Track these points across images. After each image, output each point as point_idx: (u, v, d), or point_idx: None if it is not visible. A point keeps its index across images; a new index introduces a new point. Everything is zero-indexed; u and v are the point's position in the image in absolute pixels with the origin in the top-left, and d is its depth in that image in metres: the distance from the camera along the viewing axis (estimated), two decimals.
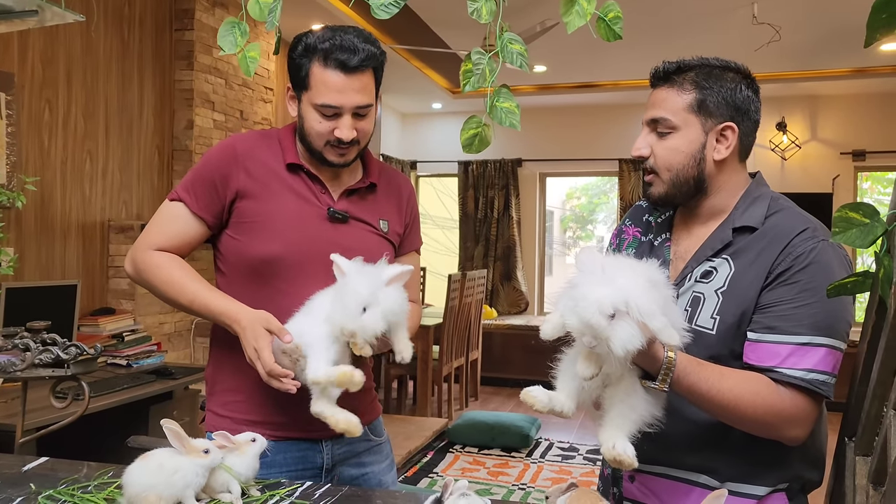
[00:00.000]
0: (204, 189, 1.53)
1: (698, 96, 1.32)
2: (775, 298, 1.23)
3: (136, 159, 4.08)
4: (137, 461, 1.26)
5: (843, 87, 6.85)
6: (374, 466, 1.67)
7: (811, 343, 1.19)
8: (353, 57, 1.45)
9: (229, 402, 1.57)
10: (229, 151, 1.55)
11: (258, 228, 1.52)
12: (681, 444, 1.30)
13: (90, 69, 3.73)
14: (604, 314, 1.07)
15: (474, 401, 6.59)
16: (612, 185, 8.80)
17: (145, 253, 1.54)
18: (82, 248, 3.70)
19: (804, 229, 1.26)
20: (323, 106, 1.46)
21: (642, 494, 1.36)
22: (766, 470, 1.28)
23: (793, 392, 1.20)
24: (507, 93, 1.41)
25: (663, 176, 1.34)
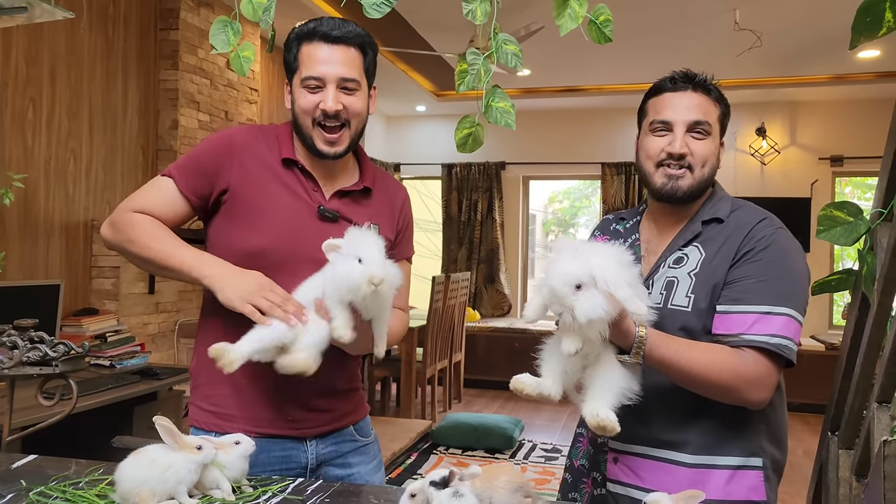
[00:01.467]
0: (194, 172, 1.54)
1: (722, 112, 1.49)
2: (741, 275, 1.37)
3: (121, 159, 4.05)
4: (130, 457, 1.26)
5: (822, 93, 6.97)
6: (361, 467, 1.66)
7: (773, 312, 1.33)
8: (336, 29, 1.49)
9: (212, 396, 1.56)
10: (226, 142, 1.56)
11: (247, 220, 1.51)
12: (658, 424, 1.41)
13: (74, 68, 3.70)
14: (569, 285, 1.17)
15: (458, 403, 6.60)
16: (594, 189, 8.86)
17: (125, 213, 1.53)
18: (65, 247, 3.68)
19: (763, 218, 1.44)
20: (308, 78, 1.49)
21: (625, 475, 1.45)
22: (734, 440, 1.39)
23: (756, 355, 1.32)
24: (502, 93, 1.43)
25: (696, 172, 1.45)
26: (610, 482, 1.48)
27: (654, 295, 1.44)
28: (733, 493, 1.38)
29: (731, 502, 1.38)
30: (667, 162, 1.45)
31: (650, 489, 1.36)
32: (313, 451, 1.58)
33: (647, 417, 1.38)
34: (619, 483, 1.47)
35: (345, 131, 1.52)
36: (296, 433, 1.55)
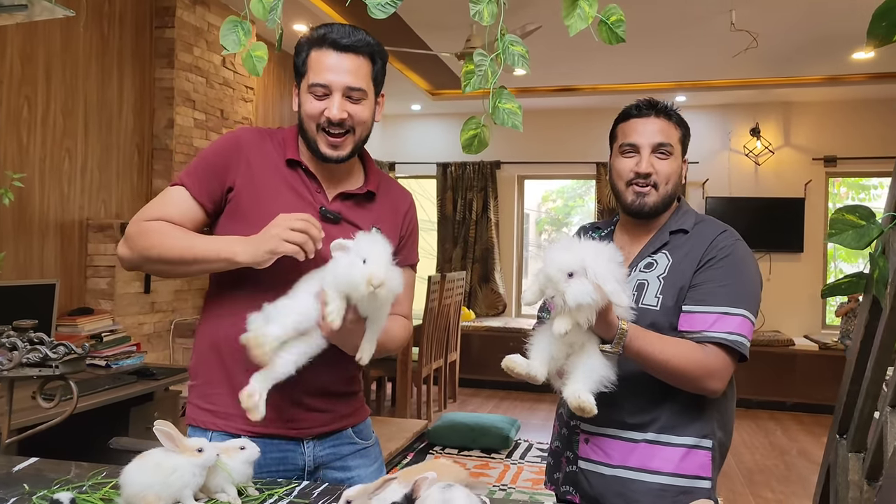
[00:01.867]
0: (206, 175, 1.53)
1: (683, 133, 1.68)
2: (704, 279, 1.56)
3: (116, 158, 4.02)
4: (135, 461, 1.25)
5: (815, 93, 6.99)
6: (361, 470, 1.64)
7: (730, 312, 1.51)
8: (346, 38, 1.49)
9: (210, 395, 1.56)
10: (233, 141, 1.57)
11: (250, 220, 1.50)
12: (626, 409, 1.58)
13: (69, 66, 3.67)
14: (563, 272, 1.33)
15: (453, 402, 6.60)
16: (587, 188, 8.86)
17: (138, 224, 1.51)
18: (60, 247, 3.65)
19: (724, 231, 1.64)
20: (315, 85, 1.49)
21: (594, 453, 1.63)
22: (691, 423, 1.57)
23: (716, 350, 1.50)
24: (509, 94, 1.42)
25: (661, 189, 1.63)
26: (581, 460, 1.65)
27: None
28: (685, 469, 1.57)
29: (683, 476, 1.57)
30: (635, 181, 1.63)
31: (615, 465, 1.60)
32: (310, 453, 1.57)
33: (617, 403, 1.53)
34: (588, 461, 1.64)
35: (348, 137, 1.53)
36: (293, 433, 1.54)
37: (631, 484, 1.57)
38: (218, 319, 1.56)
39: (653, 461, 1.57)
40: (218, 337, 1.55)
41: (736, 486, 4.59)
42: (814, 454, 5.29)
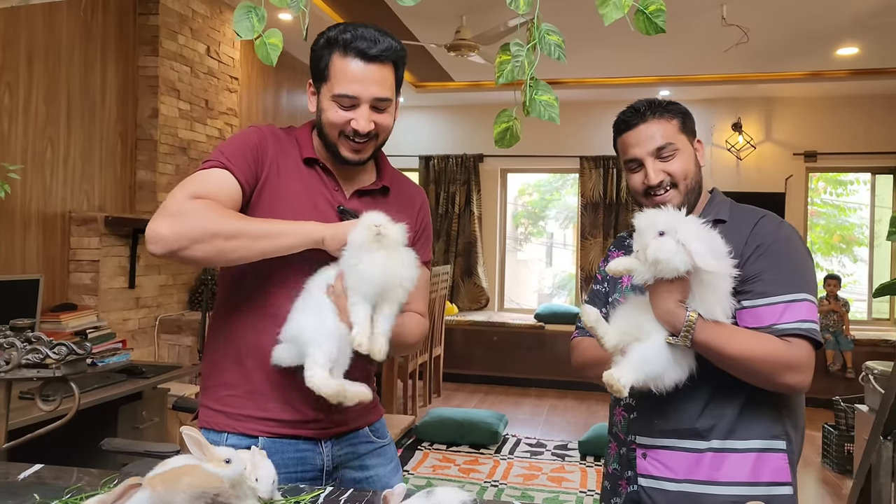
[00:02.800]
0: (244, 160, 1.44)
1: (680, 120, 1.58)
2: (758, 270, 1.44)
3: (99, 148, 3.90)
4: (158, 467, 1.19)
5: (797, 89, 7.05)
6: (379, 469, 1.62)
7: (796, 299, 1.42)
8: (374, 46, 1.42)
9: (224, 397, 1.51)
10: (260, 134, 1.51)
11: (270, 214, 1.45)
12: (677, 416, 1.48)
13: (52, 53, 3.54)
14: (654, 228, 1.33)
15: (437, 397, 6.56)
16: (563, 182, 8.86)
17: (188, 202, 1.34)
18: (43, 240, 3.52)
19: (764, 216, 1.54)
20: (341, 96, 1.43)
21: (654, 468, 1.52)
22: (755, 424, 1.47)
23: (800, 342, 1.39)
24: (546, 85, 1.37)
25: (681, 186, 1.55)
26: (641, 477, 1.54)
27: None
28: (760, 475, 1.45)
29: (758, 483, 1.44)
30: (651, 192, 1.55)
31: (679, 479, 1.48)
32: (328, 453, 1.53)
33: (667, 410, 1.47)
34: (650, 477, 1.52)
35: (371, 143, 1.50)
36: (311, 434, 1.51)
37: (700, 498, 1.45)
38: (238, 324, 1.51)
39: (721, 471, 1.45)
40: (238, 343, 1.50)
41: None
42: None
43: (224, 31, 4.75)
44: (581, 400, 6.62)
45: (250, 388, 1.48)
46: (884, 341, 6.57)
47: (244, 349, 1.48)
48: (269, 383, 1.47)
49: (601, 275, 1.73)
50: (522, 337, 7.18)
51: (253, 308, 1.48)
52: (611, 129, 1.64)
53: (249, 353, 1.48)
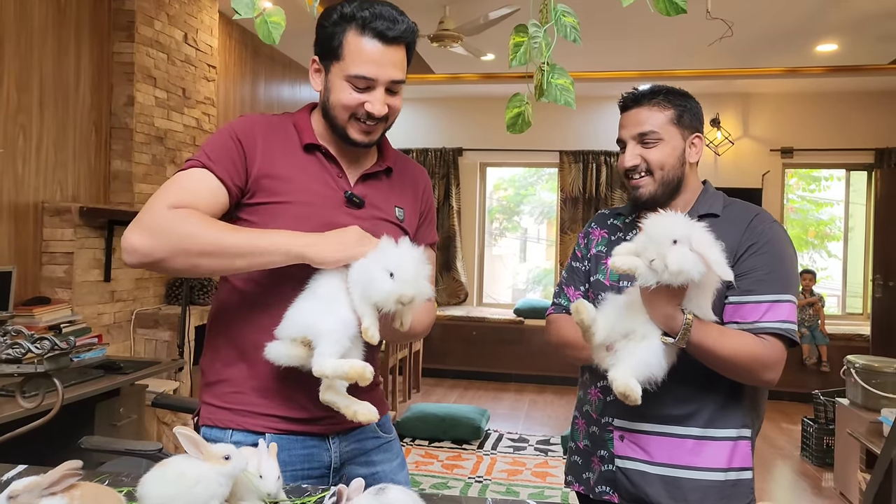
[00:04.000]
0: (226, 157, 1.37)
1: (676, 112, 1.59)
2: (749, 268, 1.50)
3: (73, 136, 3.77)
4: (154, 470, 1.13)
5: (774, 85, 7.10)
6: (385, 465, 1.57)
7: (780, 300, 1.48)
8: (394, 27, 1.35)
9: (228, 394, 1.44)
10: (247, 125, 1.42)
11: (275, 212, 1.39)
12: (664, 402, 1.50)
13: (24, 37, 3.41)
14: (668, 238, 1.31)
15: (417, 392, 6.50)
16: (538, 177, 8.84)
17: (165, 211, 1.29)
18: (14, 231, 3.39)
19: (758, 213, 1.58)
20: (357, 77, 1.36)
21: (633, 451, 1.57)
22: (732, 413, 1.54)
23: (772, 340, 1.46)
24: (562, 69, 1.32)
25: (656, 175, 1.57)
26: (618, 458, 1.59)
27: None
28: (732, 462, 1.53)
29: (731, 469, 1.53)
30: (628, 174, 1.61)
31: (658, 462, 1.54)
32: (336, 450, 1.48)
33: (654, 397, 1.45)
34: (627, 458, 1.57)
35: (381, 125, 1.44)
36: (318, 430, 1.46)
37: (680, 482, 1.52)
38: (241, 319, 1.45)
39: (701, 457, 1.52)
40: (242, 339, 1.44)
41: None
42: (776, 440, 5.38)
43: (202, 18, 4.63)
44: (560, 395, 6.61)
45: (256, 385, 1.43)
46: (858, 335, 6.66)
47: (249, 345, 1.42)
48: (275, 380, 1.41)
49: (580, 252, 1.75)
50: (502, 332, 7.15)
51: (257, 303, 1.42)
52: (590, 124, 1.66)
53: (255, 349, 1.40)
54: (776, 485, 4.56)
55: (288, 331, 1.31)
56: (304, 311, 1.31)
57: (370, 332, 1.26)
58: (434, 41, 4.92)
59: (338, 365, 1.23)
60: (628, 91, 1.64)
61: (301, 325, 1.30)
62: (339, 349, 1.26)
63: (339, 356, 1.25)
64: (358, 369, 1.22)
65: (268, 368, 1.39)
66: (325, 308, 1.29)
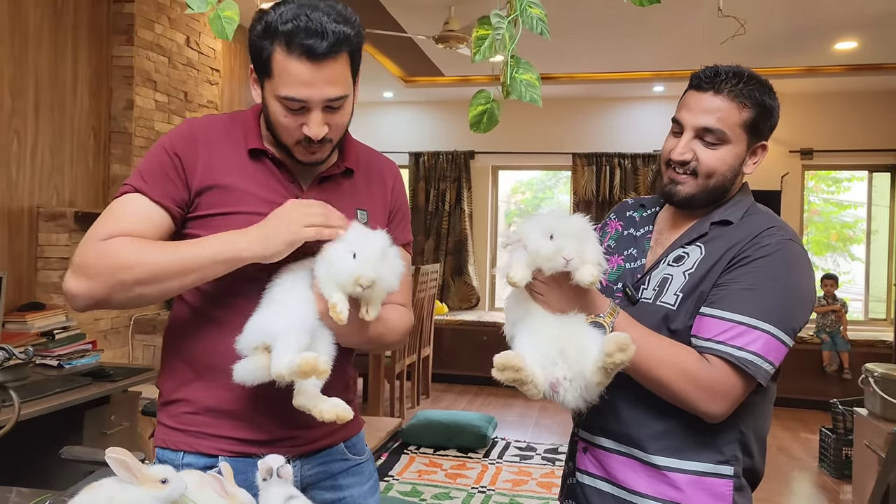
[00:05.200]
0: (162, 176, 1.29)
1: (754, 115, 1.35)
2: (730, 279, 1.29)
3: (70, 141, 3.74)
4: (83, 494, 1.05)
5: (793, 84, 6.92)
6: (354, 489, 1.46)
7: (753, 326, 1.24)
8: (321, 42, 1.19)
9: (182, 414, 1.35)
10: (186, 134, 1.33)
11: (223, 225, 1.28)
12: (625, 419, 1.36)
13: (18, 40, 3.38)
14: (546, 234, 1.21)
15: (426, 399, 6.42)
16: (556, 180, 8.72)
17: (96, 246, 1.24)
18: (8, 236, 3.36)
19: (774, 226, 1.34)
20: (287, 99, 1.23)
21: (593, 466, 1.43)
22: (705, 445, 1.32)
23: (722, 365, 1.24)
24: (527, 64, 1.23)
25: (702, 181, 1.36)
26: (579, 472, 1.45)
27: (647, 291, 1.38)
28: (692, 499, 1.31)
29: None
30: (672, 164, 1.39)
31: (618, 483, 1.37)
32: (297, 473, 1.37)
33: (615, 410, 1.35)
34: (587, 474, 1.44)
35: (328, 144, 1.31)
36: (278, 453, 1.35)
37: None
38: (195, 336, 1.35)
39: (655, 486, 1.34)
40: (196, 357, 1.35)
41: None
42: (792, 449, 5.22)
43: (204, 22, 4.59)
44: None
45: (211, 405, 1.34)
46: (881, 342, 6.46)
47: (203, 363, 1.34)
48: (232, 400, 1.32)
49: None
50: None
51: (209, 317, 1.33)
52: (603, 126, 1.49)
53: (209, 367, 1.33)
54: (793, 497, 4.41)
55: (245, 341, 1.23)
56: (258, 315, 1.23)
57: (338, 307, 1.16)
58: (439, 42, 4.84)
59: (291, 362, 1.14)
60: (710, 66, 1.39)
61: (255, 330, 1.22)
62: (296, 346, 1.17)
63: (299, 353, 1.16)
64: (309, 360, 1.13)
65: (224, 388, 1.30)
66: (279, 307, 1.22)
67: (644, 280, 1.41)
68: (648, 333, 1.28)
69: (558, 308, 1.26)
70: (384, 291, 1.22)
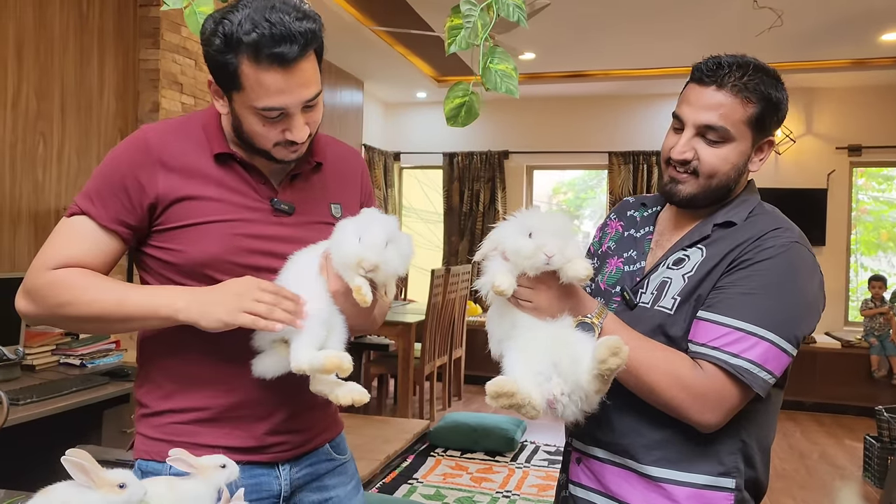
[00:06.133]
0: (113, 195, 1.24)
1: (759, 111, 1.28)
2: (729, 282, 1.23)
3: (96, 143, 3.79)
4: (38, 497, 1.04)
5: (839, 78, 6.67)
6: (339, 490, 1.46)
7: (751, 332, 1.18)
8: (292, 47, 1.14)
9: (166, 425, 1.32)
10: (141, 147, 1.26)
11: (197, 235, 1.26)
12: (620, 429, 1.30)
13: (44, 45, 3.44)
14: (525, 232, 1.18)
15: (457, 400, 6.36)
16: (598, 179, 8.58)
17: (42, 274, 1.23)
18: (34, 237, 3.42)
19: (780, 227, 1.26)
20: (266, 109, 1.19)
21: (587, 477, 1.37)
22: (703, 456, 1.26)
23: (715, 373, 1.18)
24: (503, 53, 1.17)
25: (703, 180, 1.30)
26: (572, 484, 1.40)
27: (646, 295, 1.33)
28: None
29: None
30: (672, 163, 1.32)
31: (612, 496, 1.31)
32: (286, 477, 1.37)
33: (610, 419, 1.29)
34: (580, 486, 1.38)
35: (308, 140, 1.28)
36: (267, 458, 1.34)
37: None
38: (174, 345, 1.32)
39: (651, 499, 1.28)
40: (178, 366, 1.32)
41: None
42: (836, 458, 5.02)
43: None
44: None
45: (198, 416, 1.31)
46: None
47: (184, 375, 1.31)
48: (220, 409, 1.30)
49: (593, 247, 1.54)
50: None
51: (187, 328, 1.26)
52: (639, 123, 1.41)
53: (192, 376, 1.31)
54: None
55: (263, 336, 1.23)
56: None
57: (363, 290, 1.17)
58: None
59: (314, 358, 1.16)
60: (712, 57, 1.31)
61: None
62: (314, 338, 1.19)
63: (316, 346, 1.18)
64: (334, 360, 1.15)
65: (210, 398, 1.30)
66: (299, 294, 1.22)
67: (643, 284, 1.35)
68: (638, 337, 1.23)
69: (548, 312, 1.21)
70: (391, 275, 1.22)
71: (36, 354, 3.07)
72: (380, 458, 4.25)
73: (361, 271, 1.16)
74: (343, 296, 1.21)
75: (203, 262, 1.26)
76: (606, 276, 1.42)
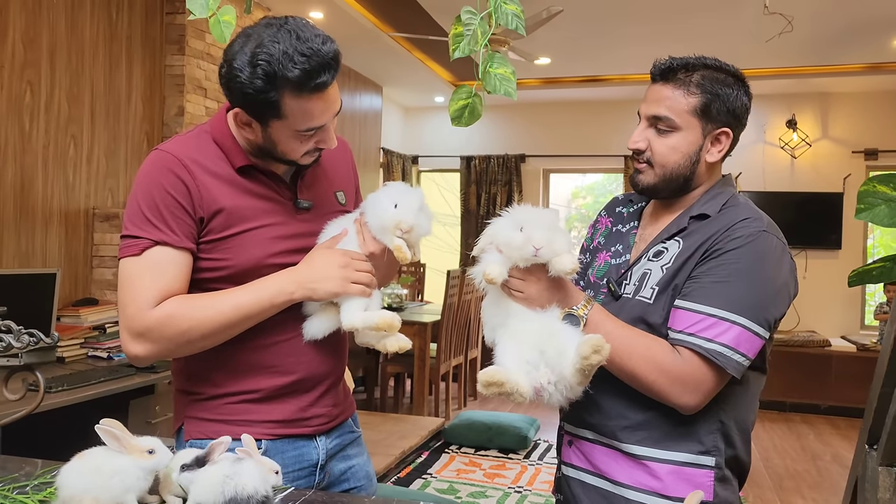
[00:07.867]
0: (172, 216, 1.31)
1: (703, 101, 1.37)
2: (702, 272, 1.31)
3: (124, 146, 3.95)
4: (74, 460, 1.15)
5: (855, 83, 6.69)
6: (358, 459, 1.62)
7: (724, 318, 1.25)
8: (330, 73, 1.26)
9: (220, 406, 1.43)
10: (172, 165, 1.33)
11: (239, 244, 1.36)
12: (606, 410, 1.38)
13: (75, 51, 3.60)
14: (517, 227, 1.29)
15: (473, 400, 6.44)
16: (617, 183, 8.64)
17: (149, 314, 1.29)
18: (65, 236, 3.58)
19: (749, 217, 1.34)
20: (307, 130, 1.31)
21: (577, 458, 1.45)
22: (685, 435, 1.33)
23: (692, 357, 1.26)
24: (502, 58, 1.27)
25: (657, 170, 1.40)
26: (564, 465, 1.49)
27: (629, 287, 1.41)
28: (672, 489, 1.33)
29: (672, 499, 1.33)
30: (634, 154, 1.44)
31: (601, 474, 1.40)
32: (323, 447, 1.51)
33: (597, 402, 1.37)
34: (571, 466, 1.47)
35: None
36: (308, 431, 1.48)
37: (614, 499, 1.38)
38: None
39: (636, 476, 1.36)
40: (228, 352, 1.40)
41: (765, 492, 4.38)
42: (848, 460, 5.03)
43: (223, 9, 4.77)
44: None
45: (248, 397, 1.43)
46: None
47: (236, 362, 1.41)
48: (267, 389, 1.42)
49: (585, 243, 1.64)
50: None
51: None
52: None
53: (246, 363, 1.42)
54: None
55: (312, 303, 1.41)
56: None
57: (403, 248, 1.34)
58: None
59: (367, 318, 1.35)
60: (664, 60, 1.43)
61: None
62: (363, 300, 1.37)
63: (364, 308, 1.37)
64: (387, 319, 1.35)
65: (261, 381, 1.41)
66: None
67: (627, 275, 1.44)
68: (622, 326, 1.32)
69: (538, 302, 1.31)
70: (422, 236, 1.40)
71: (66, 347, 3.22)
72: (395, 453, 4.35)
73: (399, 233, 1.34)
74: (377, 258, 1.38)
75: (248, 268, 1.36)
76: (596, 270, 1.52)
